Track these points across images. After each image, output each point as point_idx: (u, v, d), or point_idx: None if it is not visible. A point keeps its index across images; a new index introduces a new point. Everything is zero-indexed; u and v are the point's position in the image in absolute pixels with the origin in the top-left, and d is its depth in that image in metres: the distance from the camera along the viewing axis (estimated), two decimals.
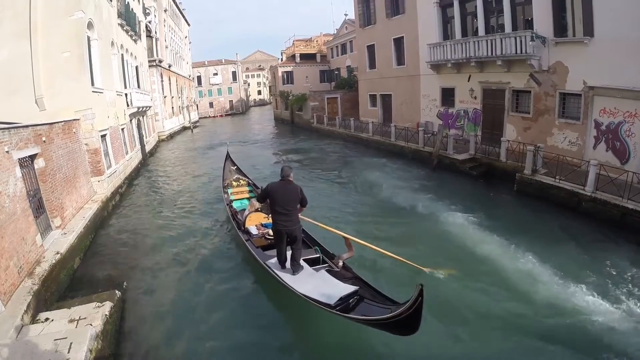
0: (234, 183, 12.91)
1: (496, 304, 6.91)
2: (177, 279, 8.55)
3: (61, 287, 7.95)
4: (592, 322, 6.19)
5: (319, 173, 18.26)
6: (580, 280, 7.42)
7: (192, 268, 9.05)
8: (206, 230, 11.37)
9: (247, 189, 12.78)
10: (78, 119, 12.36)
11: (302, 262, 6.76)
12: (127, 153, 18.23)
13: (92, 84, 13.56)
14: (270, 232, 7.86)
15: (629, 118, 11.81)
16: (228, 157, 15.61)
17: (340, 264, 6.81)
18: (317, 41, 47.28)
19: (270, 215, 7.81)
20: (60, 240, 9.00)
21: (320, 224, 7.56)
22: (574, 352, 5.69)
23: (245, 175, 13.92)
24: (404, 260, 7.38)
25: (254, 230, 8.86)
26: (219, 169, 20.98)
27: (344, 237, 6.92)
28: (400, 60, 24.59)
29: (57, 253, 8.26)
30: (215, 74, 71.07)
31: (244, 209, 10.49)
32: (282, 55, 51.21)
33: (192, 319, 7.00)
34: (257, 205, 8.65)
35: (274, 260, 7.13)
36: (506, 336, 6.15)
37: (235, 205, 11.12)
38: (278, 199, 6.26)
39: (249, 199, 11.70)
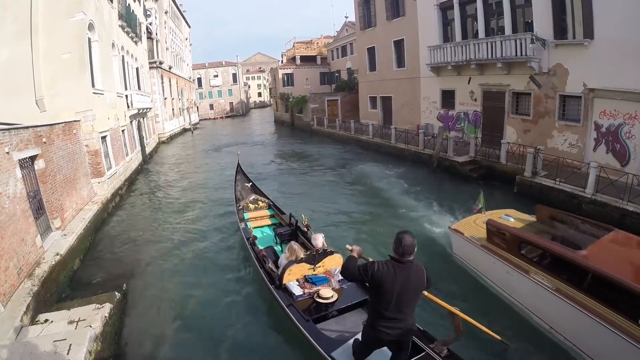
0: (251, 205, 10.51)
1: None
2: (179, 283, 8.51)
3: (61, 289, 7.94)
4: None
5: (319, 175, 18.27)
6: None
7: (193, 271, 9.03)
8: (209, 233, 11.39)
9: (267, 212, 10.55)
10: (78, 120, 12.38)
11: None
12: (127, 155, 18.25)
13: (93, 85, 13.58)
14: (323, 292, 5.91)
15: (629, 120, 11.82)
16: (239, 170, 12.96)
17: (445, 351, 4.71)
18: (317, 43, 47.38)
19: (316, 266, 6.30)
20: (60, 241, 8.99)
21: (437, 300, 4.58)
22: None
23: (263, 194, 11.46)
24: None
25: (296, 290, 6.16)
26: (220, 168, 21.16)
27: (454, 313, 4.37)
28: (400, 63, 24.63)
29: (57, 254, 8.25)
30: (216, 76, 71.20)
31: (270, 246, 8.48)
32: (282, 57, 51.37)
33: (192, 324, 6.97)
34: (300, 253, 6.57)
35: (346, 352, 4.81)
36: None
37: (259, 242, 8.37)
38: (390, 294, 3.66)
39: (271, 226, 9.97)
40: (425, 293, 4.31)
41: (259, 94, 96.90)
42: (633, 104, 11.61)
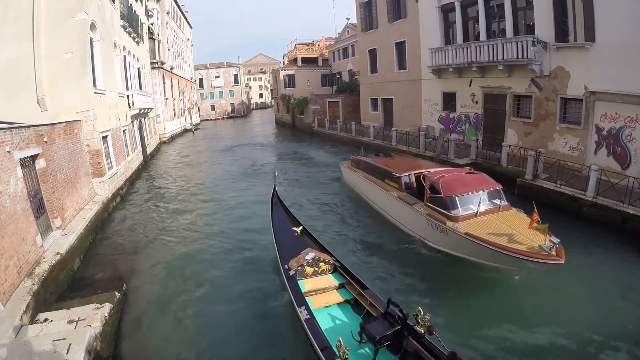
0: (308, 269, 7.10)
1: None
2: (178, 284, 8.52)
3: (61, 288, 7.94)
4: None
5: (319, 176, 18.24)
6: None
7: (192, 272, 9.04)
8: (210, 234, 11.40)
9: (333, 280, 7.11)
10: (80, 120, 12.39)
11: None
12: (128, 155, 18.25)
13: (94, 85, 13.60)
14: None
15: (630, 123, 11.81)
16: (277, 200, 10.16)
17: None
18: (319, 45, 47.42)
19: None
20: (61, 240, 8.99)
21: None
22: None
23: (322, 247, 8.09)
24: None
25: None
26: (221, 168, 21.16)
27: None
28: (401, 65, 24.65)
29: (57, 254, 8.25)
30: (217, 77, 71.28)
31: None
32: (284, 58, 51.31)
33: (192, 325, 6.97)
34: None
35: None
36: None
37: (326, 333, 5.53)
38: None
39: (344, 304, 6.72)
40: None
41: (260, 95, 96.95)
42: (634, 107, 11.60)
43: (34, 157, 8.66)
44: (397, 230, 10.70)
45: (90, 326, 5.92)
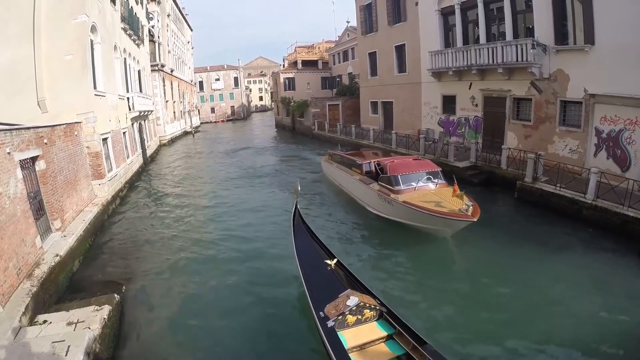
0: (350, 318, 5.61)
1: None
2: (178, 285, 8.50)
3: (60, 290, 7.93)
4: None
5: (320, 178, 18.24)
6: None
7: (192, 274, 9.01)
8: (209, 234, 11.37)
9: (381, 331, 5.63)
10: (80, 122, 12.40)
11: None
12: (128, 157, 18.26)
13: (95, 87, 13.63)
14: None
15: (629, 125, 11.82)
16: (300, 223, 8.64)
17: None
18: (319, 48, 47.50)
19: None
20: (60, 242, 8.98)
21: None
22: None
23: (361, 286, 6.41)
24: None
25: None
26: (221, 170, 21.17)
27: None
28: (401, 68, 24.68)
29: (57, 255, 8.24)
30: (217, 80, 71.40)
31: None
32: (284, 61, 51.43)
33: (191, 326, 6.94)
34: None
35: None
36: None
37: None
38: None
39: None
40: None
41: (260, 98, 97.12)
42: (634, 110, 11.61)
43: (33, 159, 8.66)
44: (358, 206, 13.20)
45: (89, 328, 5.90)
